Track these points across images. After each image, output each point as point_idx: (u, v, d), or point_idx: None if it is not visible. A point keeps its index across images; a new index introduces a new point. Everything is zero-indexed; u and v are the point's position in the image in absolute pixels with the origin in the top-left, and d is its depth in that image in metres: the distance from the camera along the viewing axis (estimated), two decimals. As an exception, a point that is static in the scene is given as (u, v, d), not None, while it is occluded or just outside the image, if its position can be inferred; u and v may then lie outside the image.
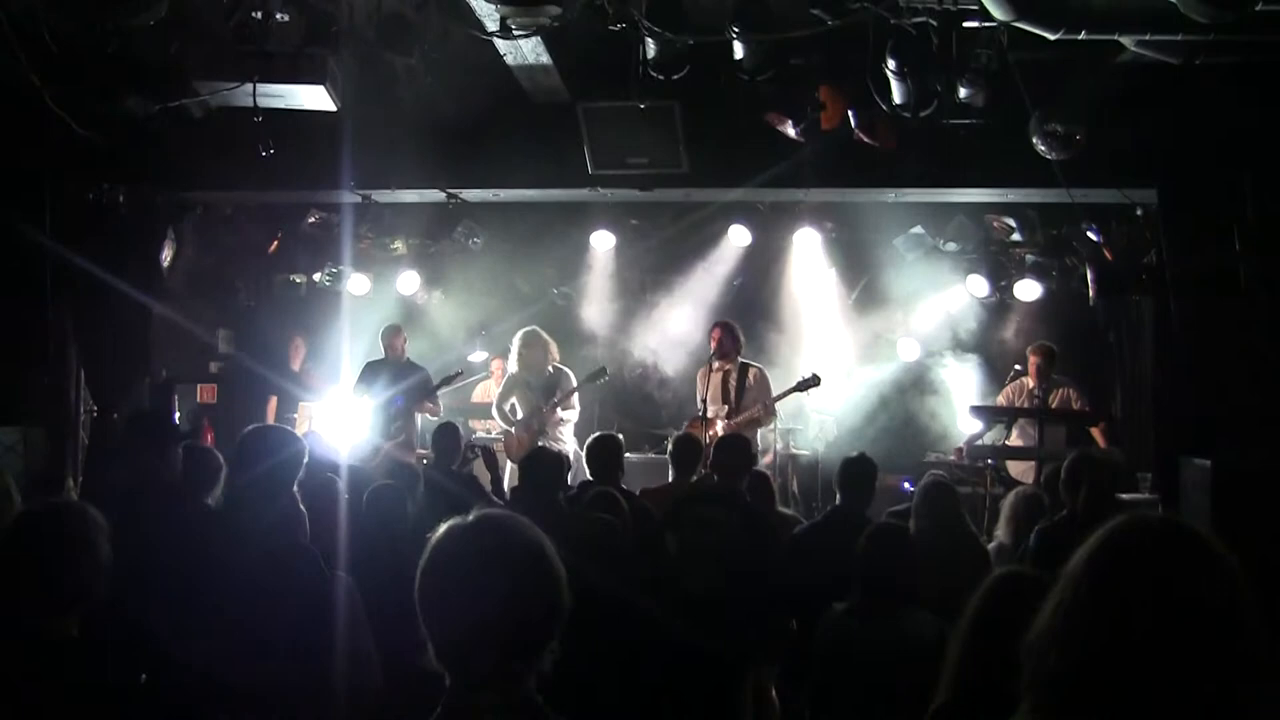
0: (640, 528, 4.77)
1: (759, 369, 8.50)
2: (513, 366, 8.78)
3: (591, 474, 5.83)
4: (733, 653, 4.98)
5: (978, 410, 8.71)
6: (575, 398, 8.74)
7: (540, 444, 7.61)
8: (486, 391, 10.31)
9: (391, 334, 9.15)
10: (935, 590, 3.85)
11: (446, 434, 6.91)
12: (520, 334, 8.74)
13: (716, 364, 8.49)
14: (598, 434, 6.40)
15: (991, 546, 5.60)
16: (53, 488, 5.26)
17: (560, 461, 5.07)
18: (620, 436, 6.47)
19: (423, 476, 5.54)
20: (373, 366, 9.09)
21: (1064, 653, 1.43)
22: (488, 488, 7.14)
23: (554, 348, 8.80)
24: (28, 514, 2.82)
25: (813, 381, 8.38)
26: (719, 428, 8.16)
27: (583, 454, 6.66)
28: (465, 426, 8.82)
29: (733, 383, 8.37)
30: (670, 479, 6.34)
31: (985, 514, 7.17)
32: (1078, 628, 1.43)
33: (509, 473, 8.32)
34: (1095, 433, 8.54)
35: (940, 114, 6.61)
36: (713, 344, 8.56)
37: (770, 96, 6.98)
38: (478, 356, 10.71)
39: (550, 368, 8.69)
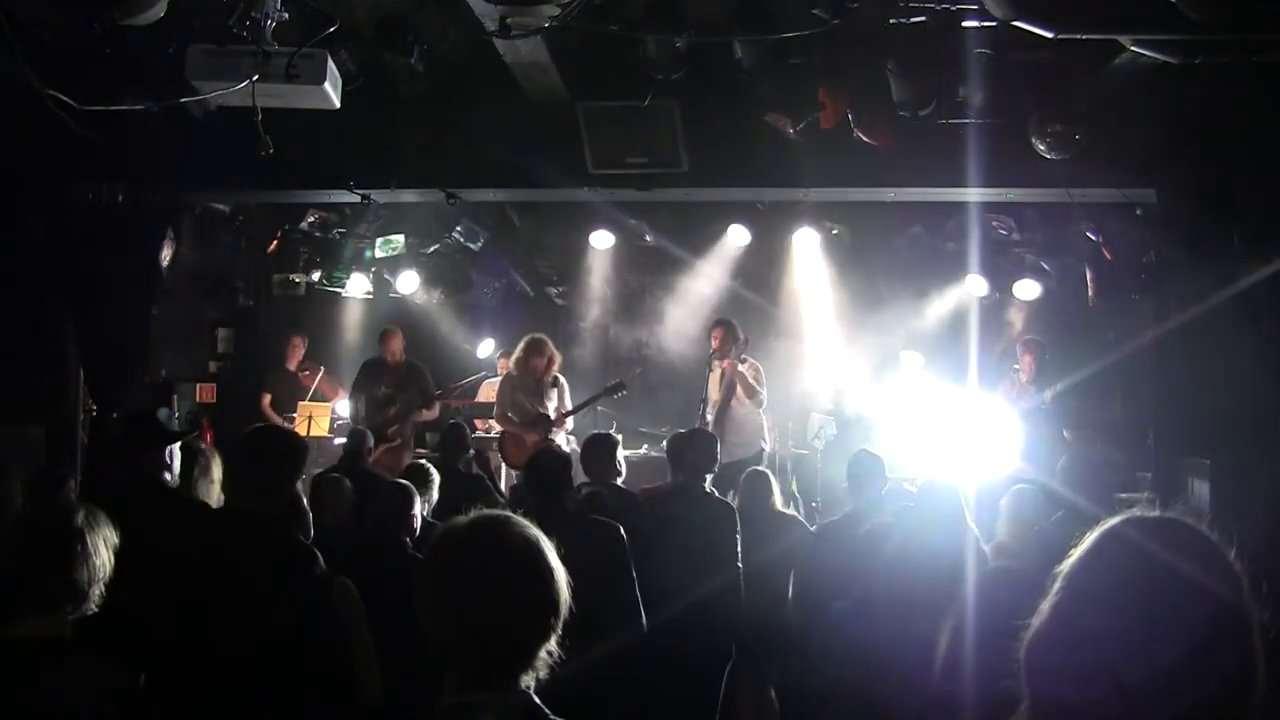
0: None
1: (753, 362, 8.51)
2: (513, 370, 8.74)
3: (586, 473, 5.83)
4: (710, 647, 4.99)
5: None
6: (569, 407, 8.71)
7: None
8: (492, 390, 10.28)
9: (389, 336, 9.14)
10: (939, 590, 3.85)
11: (455, 433, 6.92)
12: (526, 340, 8.63)
13: (717, 363, 8.48)
14: (593, 433, 6.40)
15: (990, 546, 5.59)
16: (52, 487, 5.25)
17: (567, 462, 5.05)
18: (619, 436, 6.46)
19: (437, 477, 5.56)
20: (370, 367, 9.07)
21: (1062, 653, 1.43)
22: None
23: (558, 358, 8.72)
24: (29, 513, 2.83)
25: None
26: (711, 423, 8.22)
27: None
28: (468, 424, 8.80)
29: (729, 380, 8.38)
30: (670, 478, 6.35)
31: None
32: (1076, 627, 1.43)
33: (503, 474, 8.30)
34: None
35: (940, 114, 6.62)
36: (714, 343, 8.55)
37: (770, 96, 6.98)
38: (485, 350, 10.69)
39: (550, 376, 8.62)
